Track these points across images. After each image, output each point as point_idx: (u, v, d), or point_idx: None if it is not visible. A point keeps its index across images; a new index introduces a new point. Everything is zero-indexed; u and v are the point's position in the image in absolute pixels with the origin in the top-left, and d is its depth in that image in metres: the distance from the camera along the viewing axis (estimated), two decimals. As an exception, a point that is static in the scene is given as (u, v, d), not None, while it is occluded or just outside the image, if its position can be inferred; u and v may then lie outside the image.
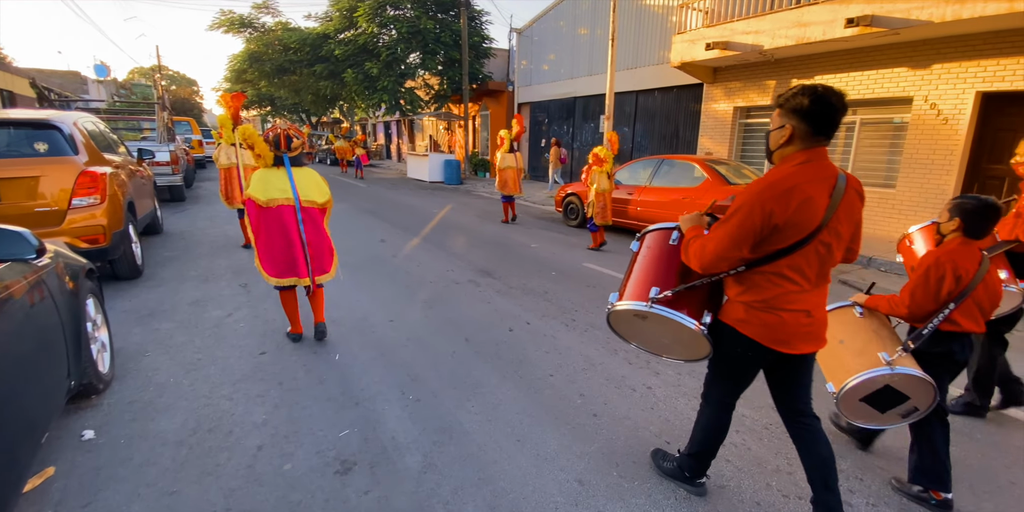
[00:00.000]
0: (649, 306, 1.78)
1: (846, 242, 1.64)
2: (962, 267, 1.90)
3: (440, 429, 2.45)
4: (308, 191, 3.21)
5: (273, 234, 3.16)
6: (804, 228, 1.52)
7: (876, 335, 2.03)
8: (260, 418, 2.53)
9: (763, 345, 1.66)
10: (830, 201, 1.53)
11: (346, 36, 17.04)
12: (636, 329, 2.04)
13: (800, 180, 1.51)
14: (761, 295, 1.63)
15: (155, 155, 6.87)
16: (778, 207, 1.49)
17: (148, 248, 6.04)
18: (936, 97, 6.94)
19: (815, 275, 1.61)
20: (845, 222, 1.59)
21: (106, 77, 29.62)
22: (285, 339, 3.48)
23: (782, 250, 1.56)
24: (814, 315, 1.66)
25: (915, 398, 1.93)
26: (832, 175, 1.56)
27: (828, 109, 1.50)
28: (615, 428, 2.52)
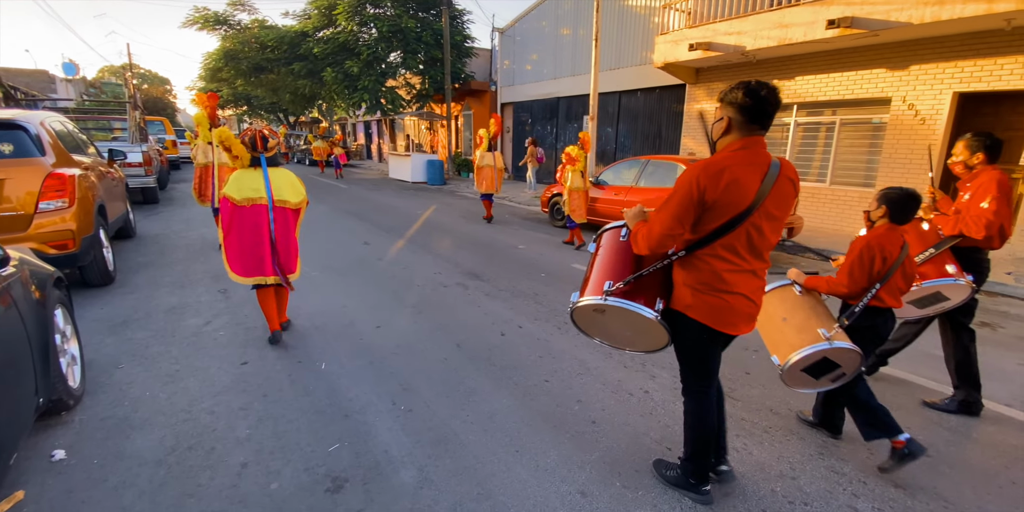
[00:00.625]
0: (604, 298, 1.88)
1: (781, 226, 1.79)
2: (888, 250, 2.14)
3: (435, 441, 2.36)
4: (282, 191, 3.27)
5: (244, 233, 3.21)
6: (735, 207, 1.66)
7: (814, 312, 2.23)
8: (244, 433, 2.41)
9: (713, 328, 1.79)
10: (761, 185, 1.66)
11: (325, 34, 16.75)
12: (599, 325, 2.13)
13: (731, 163, 1.65)
14: (702, 277, 1.76)
15: (127, 156, 6.59)
16: (709, 185, 1.63)
17: (120, 253, 5.80)
18: (914, 97, 7.09)
19: (749, 255, 1.74)
20: (776, 206, 1.71)
21: (75, 76, 28.65)
22: (268, 348, 3.35)
23: (717, 230, 1.69)
24: (754, 299, 1.81)
25: (845, 366, 2.18)
26: (765, 162, 1.68)
27: (760, 101, 1.64)
28: (615, 435, 2.45)
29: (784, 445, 2.42)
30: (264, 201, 3.19)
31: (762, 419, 2.64)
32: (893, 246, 2.15)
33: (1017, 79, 6.21)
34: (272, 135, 3.34)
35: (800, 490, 2.11)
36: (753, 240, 1.72)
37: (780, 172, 1.69)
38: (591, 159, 10.91)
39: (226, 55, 17.12)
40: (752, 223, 1.68)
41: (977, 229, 2.53)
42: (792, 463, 2.29)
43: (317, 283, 4.86)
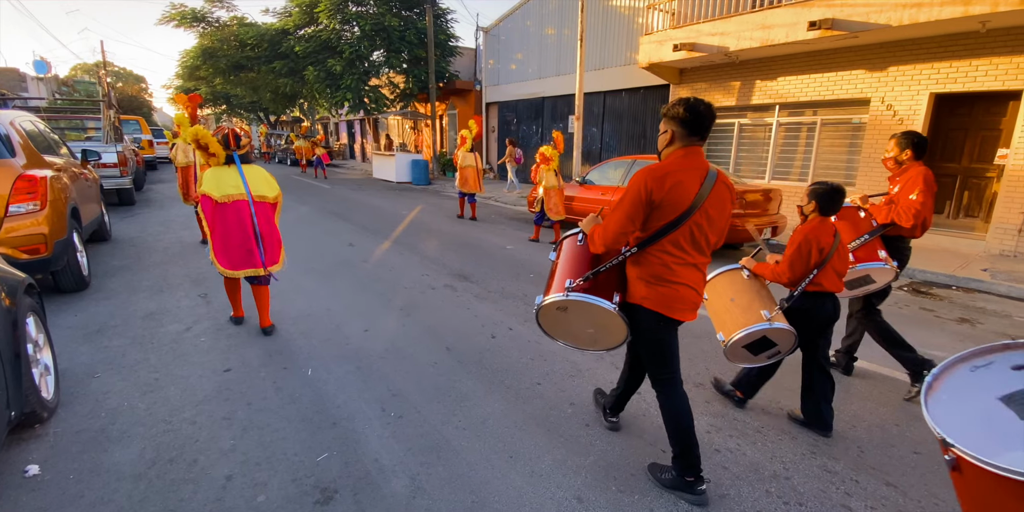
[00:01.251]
0: (566, 295, 2.05)
1: (719, 226, 1.99)
2: (823, 240, 2.38)
3: (427, 448, 2.31)
4: (258, 187, 3.45)
5: (230, 228, 3.33)
6: (679, 207, 1.88)
7: (759, 295, 2.48)
8: (228, 444, 2.33)
9: (665, 315, 1.98)
10: (701, 188, 1.89)
11: (307, 32, 16.48)
12: (563, 325, 2.28)
13: (674, 169, 1.89)
14: (653, 270, 1.97)
15: (101, 156, 6.39)
16: (656, 187, 1.85)
17: (95, 257, 5.61)
18: (892, 98, 7.22)
19: (692, 250, 1.96)
20: (715, 208, 1.94)
21: (46, 74, 27.81)
22: (252, 354, 3.26)
23: (664, 227, 1.91)
24: (697, 289, 2.02)
25: (781, 344, 2.44)
26: (704, 168, 1.93)
27: (698, 116, 1.87)
28: (609, 438, 2.43)
29: (776, 445, 2.43)
30: (244, 197, 3.34)
31: (753, 419, 2.65)
32: (827, 236, 2.39)
33: (991, 80, 6.37)
34: (244, 134, 3.50)
35: (794, 490, 2.11)
36: (695, 237, 1.94)
37: (718, 178, 1.93)
38: (577, 159, 10.94)
39: (204, 53, 16.74)
40: (694, 221, 1.91)
41: (907, 218, 2.81)
42: (785, 463, 2.29)
43: (301, 286, 4.76)
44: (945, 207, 7.25)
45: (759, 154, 9.29)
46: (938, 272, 5.58)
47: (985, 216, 6.83)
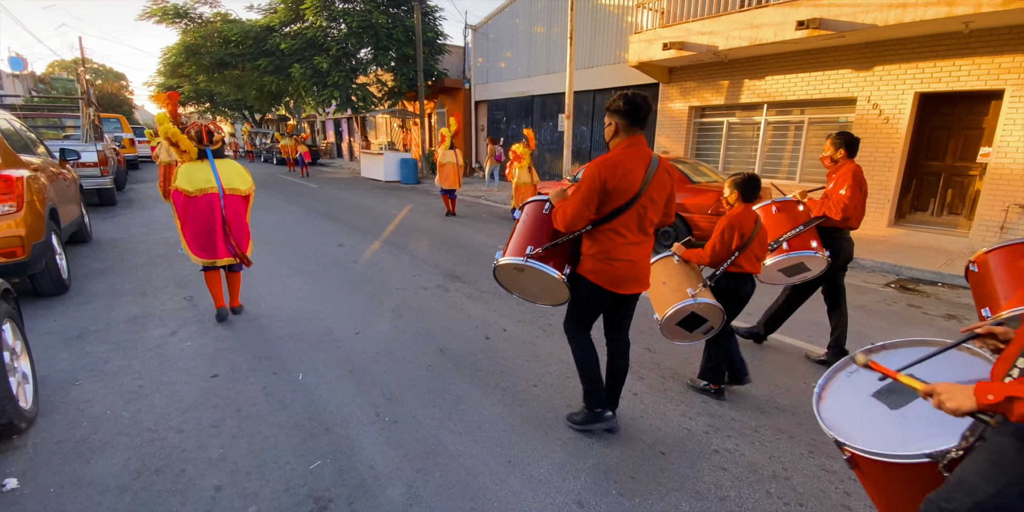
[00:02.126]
0: (526, 260, 2.30)
1: (661, 207, 2.26)
2: (745, 227, 2.62)
3: (423, 454, 2.26)
4: (232, 180, 3.61)
5: (200, 220, 3.51)
6: (627, 193, 2.11)
7: (687, 276, 2.71)
8: (216, 452, 2.26)
9: (605, 288, 2.24)
10: (646, 174, 2.12)
11: (292, 29, 16.23)
12: (516, 281, 2.57)
13: (624, 158, 2.11)
14: (602, 247, 2.20)
15: (80, 156, 6.22)
16: (609, 175, 2.08)
17: (75, 259, 5.46)
18: (878, 97, 7.31)
19: (637, 230, 2.20)
20: (657, 191, 2.19)
21: (22, 71, 27.07)
22: (240, 359, 3.18)
23: (615, 210, 2.14)
24: (639, 264, 2.25)
25: (711, 320, 2.65)
26: (647, 156, 2.16)
27: (636, 107, 2.09)
28: (607, 440, 2.41)
29: (775, 444, 2.42)
30: (215, 190, 3.52)
31: (750, 418, 2.64)
32: (749, 223, 2.64)
33: (974, 80, 6.47)
34: (217, 130, 3.67)
35: (793, 490, 2.10)
36: (641, 218, 2.19)
37: (659, 165, 2.18)
38: (567, 157, 10.93)
39: (187, 50, 16.39)
40: (640, 204, 2.15)
41: (836, 211, 3.06)
42: (784, 463, 2.28)
43: (291, 288, 4.67)
44: (929, 205, 7.36)
45: (747, 153, 9.35)
46: (924, 269, 5.65)
47: (968, 213, 6.95)
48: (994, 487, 1.16)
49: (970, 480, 1.20)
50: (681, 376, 3.08)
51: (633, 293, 2.28)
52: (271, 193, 12.29)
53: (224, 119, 41.29)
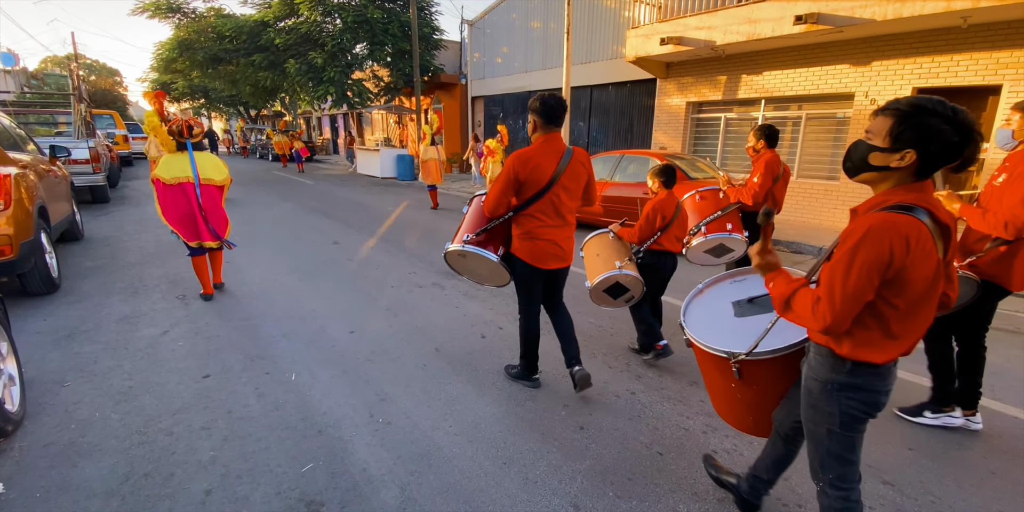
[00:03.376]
0: (463, 246, 2.66)
1: (577, 195, 2.58)
2: (666, 211, 3.03)
3: (417, 456, 2.22)
4: (207, 171, 3.97)
5: (179, 206, 3.90)
6: (539, 183, 2.43)
7: (617, 251, 3.10)
8: (207, 455, 2.22)
9: (531, 264, 2.56)
10: (557, 166, 2.43)
11: (287, 24, 16.05)
12: (464, 265, 2.93)
13: (535, 153, 2.43)
14: (525, 228, 2.54)
15: (71, 152, 6.13)
16: (521, 168, 2.40)
17: (66, 258, 5.40)
18: (876, 93, 7.27)
19: (554, 215, 2.51)
20: (571, 181, 2.50)
21: (14, 66, 26.78)
22: (232, 359, 3.13)
23: (530, 198, 2.48)
24: (560, 244, 2.57)
25: (633, 290, 3.05)
26: (560, 150, 2.46)
27: (549, 107, 2.40)
28: (604, 441, 2.38)
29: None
30: (190, 179, 3.89)
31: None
32: (670, 207, 3.04)
33: (971, 75, 6.44)
34: (197, 124, 4.02)
35: (792, 491, 2.08)
36: (556, 204, 2.50)
37: (572, 157, 2.48)
38: (564, 154, 10.86)
39: (180, 45, 16.18)
40: (554, 192, 2.47)
41: (748, 197, 3.36)
42: (782, 463, 2.25)
43: (285, 286, 4.62)
44: (927, 201, 7.34)
45: (745, 148, 9.31)
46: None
47: (966, 209, 6.93)
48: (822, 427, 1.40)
49: (808, 428, 1.46)
50: (679, 375, 3.06)
51: (557, 268, 2.63)
52: (266, 190, 12.20)
53: (219, 115, 40.99)
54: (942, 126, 1.19)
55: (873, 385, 1.33)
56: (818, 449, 1.44)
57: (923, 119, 1.21)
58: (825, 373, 1.36)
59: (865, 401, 1.34)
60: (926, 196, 1.26)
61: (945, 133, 1.19)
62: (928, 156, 1.22)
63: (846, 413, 1.35)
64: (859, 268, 1.20)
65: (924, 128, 1.21)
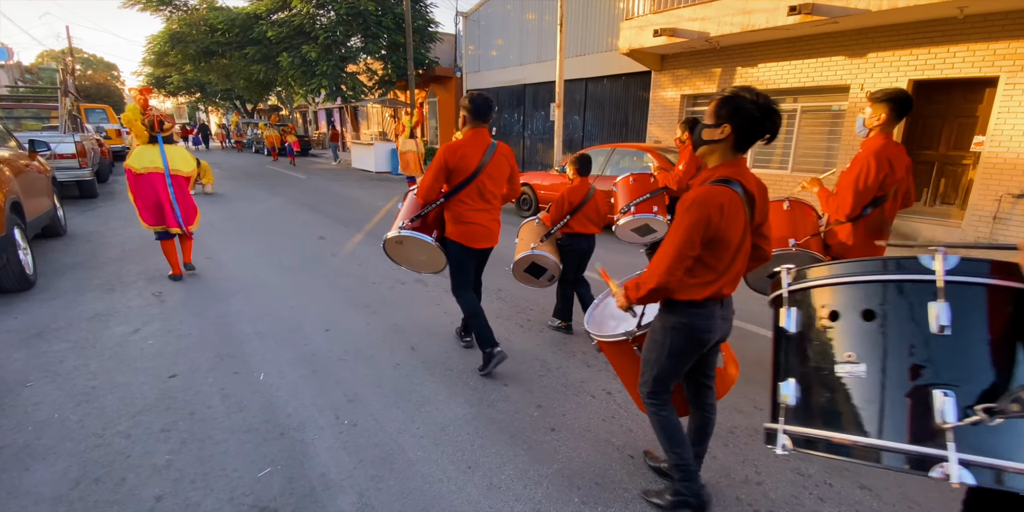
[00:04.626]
0: (399, 232, 2.86)
1: (502, 183, 2.87)
2: (574, 197, 3.32)
3: (379, 459, 2.15)
4: (176, 163, 4.27)
5: (147, 195, 4.21)
6: (466, 171, 2.70)
7: (536, 234, 3.46)
8: (163, 459, 2.15)
9: (463, 245, 2.82)
10: (483, 157, 2.71)
11: (280, 17, 15.88)
12: (403, 253, 3.12)
13: (463, 144, 2.70)
14: (455, 213, 2.79)
15: (50, 147, 6.03)
16: (450, 157, 2.67)
17: (45, 254, 5.31)
18: (871, 85, 7.15)
19: (480, 200, 2.78)
20: (495, 170, 2.79)
21: (7, 60, 26.55)
22: (201, 358, 3.06)
23: (460, 184, 2.73)
24: (487, 226, 2.84)
25: (550, 270, 3.42)
26: (486, 143, 2.75)
27: (477, 105, 2.68)
28: (575, 443, 2.31)
29: (749, 446, 2.32)
30: (159, 170, 4.19)
31: (726, 419, 2.54)
32: (580, 193, 3.32)
33: (968, 67, 6.32)
34: (168, 120, 4.34)
35: (765, 496, 2.01)
36: (481, 190, 2.76)
37: (496, 150, 2.77)
38: (558, 148, 10.75)
39: (172, 38, 16.02)
40: (480, 180, 2.74)
41: (673, 183, 3.60)
42: (757, 466, 2.19)
43: (265, 283, 4.54)
44: (922, 194, 7.24)
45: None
46: (915, 261, 5.55)
47: (961, 203, 6.83)
48: (653, 354, 1.77)
49: (645, 356, 1.82)
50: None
51: (485, 248, 2.91)
52: (257, 184, 12.10)
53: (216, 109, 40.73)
54: (747, 105, 1.50)
55: (697, 325, 1.67)
56: (648, 371, 1.81)
57: (734, 99, 1.52)
58: (664, 315, 1.74)
59: (689, 337, 1.68)
60: (740, 170, 1.59)
61: (750, 110, 1.49)
62: (739, 128, 1.52)
63: (674, 346, 1.71)
64: (686, 229, 1.52)
65: (734, 105, 1.51)
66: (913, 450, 0.90)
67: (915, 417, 0.90)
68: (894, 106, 2.42)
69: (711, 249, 1.57)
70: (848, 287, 1.04)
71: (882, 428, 0.93)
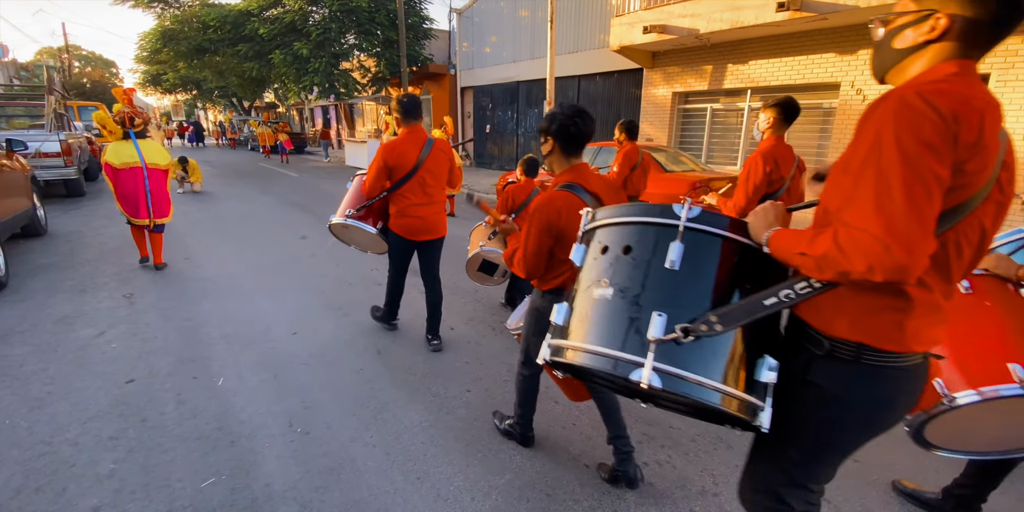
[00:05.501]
0: (346, 219, 3.05)
1: (441, 178, 3.02)
2: (520, 196, 3.43)
3: (327, 469, 2.10)
4: (152, 156, 4.52)
5: (127, 188, 4.44)
6: (406, 168, 2.86)
7: (483, 235, 3.60)
8: (107, 468, 2.10)
9: (404, 237, 3.03)
10: (420, 154, 2.87)
11: (272, 14, 15.76)
12: (347, 236, 3.39)
13: (400, 142, 2.86)
14: (399, 207, 2.97)
15: (27, 145, 5.97)
16: (388, 156, 2.83)
17: (21, 254, 5.27)
18: (862, 82, 7.07)
19: (421, 194, 2.94)
20: (434, 166, 2.94)
21: (2, 58, 26.46)
22: (162, 362, 3.01)
23: (401, 180, 2.89)
24: (428, 219, 3.01)
25: (501, 265, 3.54)
26: (423, 140, 2.90)
27: (404, 105, 2.86)
28: (530, 452, 2.25)
29: (710, 456, 2.27)
30: (138, 164, 4.43)
31: (690, 427, 2.49)
32: (523, 193, 3.43)
33: (960, 64, 6.23)
34: (139, 116, 4.57)
35: (720, 508, 1.96)
36: (422, 185, 2.93)
37: (434, 146, 2.92)
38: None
39: (164, 35, 15.93)
40: (419, 176, 2.90)
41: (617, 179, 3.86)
42: (715, 477, 2.14)
43: (239, 284, 4.49)
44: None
45: (731, 140, 9.12)
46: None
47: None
48: (527, 331, 2.00)
49: (523, 331, 2.06)
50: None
51: (427, 240, 3.06)
52: (247, 183, 12.04)
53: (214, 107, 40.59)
54: (559, 116, 1.75)
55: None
56: (524, 344, 2.08)
57: (549, 114, 1.78)
58: (536, 300, 1.96)
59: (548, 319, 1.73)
60: (581, 174, 1.79)
61: (560, 119, 1.74)
62: (558, 136, 1.76)
63: (538, 326, 1.93)
64: (535, 231, 1.74)
65: (550, 119, 1.77)
66: (622, 356, 1.06)
67: (632, 331, 1.07)
68: (781, 110, 2.71)
69: (561, 247, 1.76)
70: (620, 227, 1.21)
71: (605, 338, 1.11)
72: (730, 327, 1.00)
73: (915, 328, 0.97)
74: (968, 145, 0.85)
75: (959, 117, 0.83)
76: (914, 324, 0.97)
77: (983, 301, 1.53)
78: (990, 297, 1.54)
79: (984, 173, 0.89)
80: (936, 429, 1.50)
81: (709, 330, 0.99)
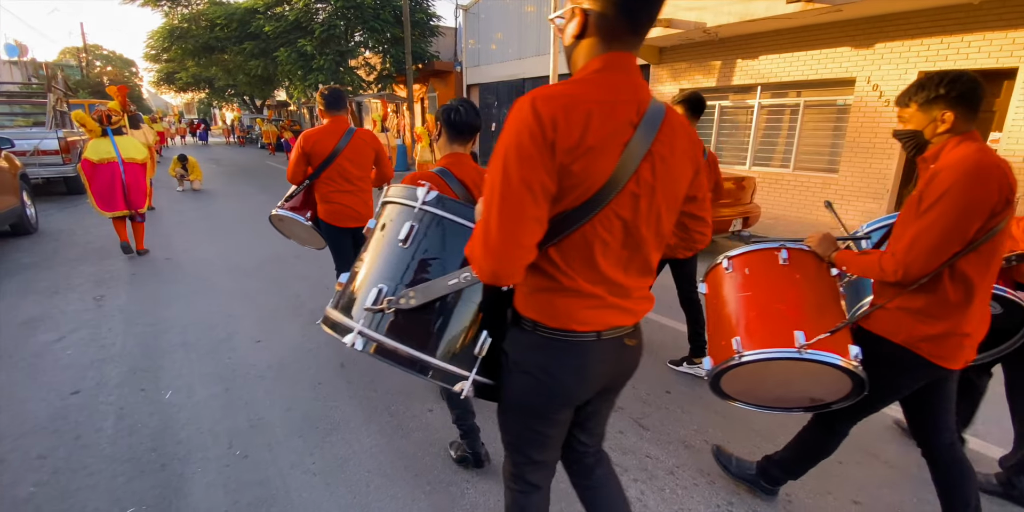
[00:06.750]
0: (278, 210, 3.11)
1: (363, 165, 3.05)
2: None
3: (257, 501, 1.91)
4: (129, 151, 4.80)
5: (102, 182, 4.68)
6: (322, 156, 2.93)
7: None
8: (25, 492, 1.93)
9: (331, 224, 3.05)
10: (339, 142, 2.93)
11: (277, 11, 15.71)
12: (287, 229, 3.39)
13: (317, 132, 2.95)
14: (322, 192, 3.01)
15: (14, 144, 5.91)
16: (305, 143, 2.93)
17: (6, 253, 5.21)
18: (879, 78, 6.70)
19: (343, 181, 2.99)
20: (354, 154, 2.98)
21: (19, 57, 26.88)
22: (114, 372, 2.85)
23: (319, 167, 2.95)
24: (353, 206, 3.03)
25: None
26: (342, 130, 2.96)
27: (326, 96, 2.95)
28: (485, 486, 2.03)
29: (688, 492, 2.03)
30: (115, 159, 4.70)
31: (670, 456, 2.24)
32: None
33: (984, 57, 5.85)
34: (115, 114, 4.91)
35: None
36: (342, 173, 2.97)
37: (354, 134, 2.98)
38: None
39: (171, 34, 15.98)
40: (339, 164, 2.94)
41: None
42: (691, 517, 1.90)
43: (215, 286, 4.34)
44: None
45: (741, 139, 8.78)
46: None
47: (974, 206, 6.37)
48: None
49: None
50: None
51: (351, 227, 3.06)
52: (248, 180, 11.97)
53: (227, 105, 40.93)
54: (447, 106, 1.85)
55: None
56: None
57: (445, 104, 1.86)
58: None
59: None
60: (456, 161, 1.87)
61: (447, 110, 1.84)
62: (445, 124, 1.85)
63: None
64: None
65: (441, 111, 1.85)
66: (340, 320, 1.22)
67: (354, 299, 1.22)
68: (687, 106, 2.77)
69: None
70: (390, 205, 1.31)
71: (343, 306, 1.25)
72: (423, 301, 1.13)
73: (566, 308, 1.01)
74: (568, 149, 0.88)
75: (558, 123, 0.86)
76: (564, 304, 1.01)
77: (794, 274, 1.71)
78: (801, 271, 1.71)
79: (597, 173, 0.91)
80: (730, 381, 1.70)
81: (405, 302, 1.12)
